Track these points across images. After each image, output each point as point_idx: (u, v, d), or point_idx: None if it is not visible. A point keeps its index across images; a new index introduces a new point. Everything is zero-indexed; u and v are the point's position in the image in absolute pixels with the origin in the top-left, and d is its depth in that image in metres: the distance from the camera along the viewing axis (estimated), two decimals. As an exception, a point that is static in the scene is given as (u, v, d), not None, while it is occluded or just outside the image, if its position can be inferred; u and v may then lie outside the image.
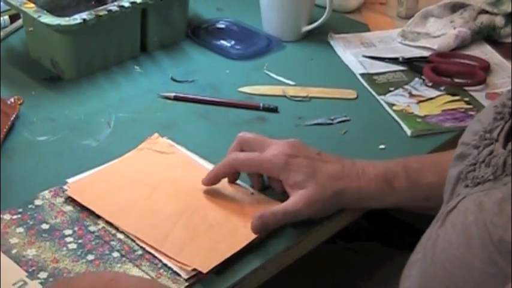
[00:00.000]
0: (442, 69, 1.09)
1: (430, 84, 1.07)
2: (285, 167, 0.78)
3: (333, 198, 0.78)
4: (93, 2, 1.14)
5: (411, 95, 1.04)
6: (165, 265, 0.72)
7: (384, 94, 1.04)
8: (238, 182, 0.84)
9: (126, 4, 1.02)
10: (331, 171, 0.79)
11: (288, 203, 0.78)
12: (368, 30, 1.23)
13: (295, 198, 0.78)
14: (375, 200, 0.81)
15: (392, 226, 1.12)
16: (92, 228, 0.76)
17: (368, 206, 0.83)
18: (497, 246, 0.54)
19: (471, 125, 0.69)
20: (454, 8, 1.23)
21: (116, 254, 0.74)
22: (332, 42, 1.17)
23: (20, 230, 0.76)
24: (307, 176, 0.78)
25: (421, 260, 0.66)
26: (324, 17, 1.15)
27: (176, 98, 1.01)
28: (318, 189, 0.78)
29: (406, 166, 0.82)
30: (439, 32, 1.18)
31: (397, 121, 0.99)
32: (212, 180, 0.82)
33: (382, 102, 1.03)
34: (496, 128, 0.64)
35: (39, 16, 0.99)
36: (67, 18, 0.98)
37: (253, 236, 0.76)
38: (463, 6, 1.22)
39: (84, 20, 0.98)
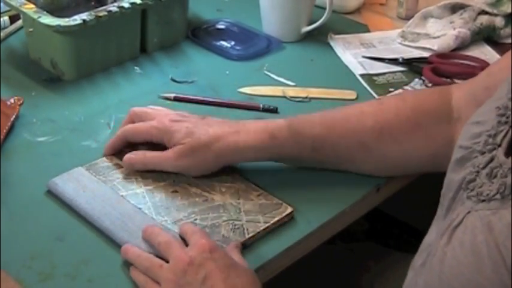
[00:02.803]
0: (442, 70, 1.09)
1: (430, 84, 1.07)
2: (168, 130, 0.82)
3: (204, 150, 0.81)
4: (92, 3, 1.15)
5: (411, 96, 1.04)
6: None
7: (384, 95, 1.04)
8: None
9: (126, 5, 1.03)
10: (210, 132, 0.82)
11: (162, 152, 0.83)
12: (368, 31, 1.23)
13: (169, 150, 0.82)
14: (255, 151, 0.82)
15: (391, 227, 1.12)
16: None
17: (250, 158, 0.84)
18: (510, 269, 0.53)
19: (467, 127, 0.67)
20: (454, 9, 1.23)
21: None
22: (332, 43, 1.17)
23: None
24: (185, 134, 0.81)
25: (425, 276, 0.65)
26: (323, 17, 1.15)
27: (176, 99, 1.01)
28: (191, 142, 0.81)
29: (290, 119, 0.85)
30: (439, 33, 1.19)
31: (397, 122, 0.98)
32: (109, 150, 0.87)
33: (382, 103, 1.03)
34: (500, 133, 0.61)
35: (39, 17, 0.99)
36: (67, 19, 0.98)
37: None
38: (462, 7, 1.22)
39: (84, 20, 0.98)
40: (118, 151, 0.87)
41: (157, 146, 0.84)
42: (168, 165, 0.82)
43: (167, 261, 0.71)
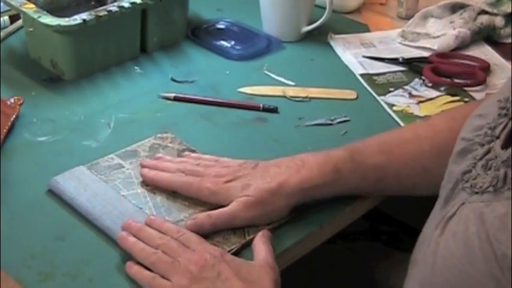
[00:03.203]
0: (442, 69, 1.09)
1: (430, 84, 1.07)
2: (223, 191, 0.78)
3: (272, 198, 0.77)
4: (93, 3, 1.15)
5: (411, 96, 1.05)
6: None
7: (384, 94, 1.04)
8: None
9: (126, 5, 1.03)
10: (268, 179, 0.78)
11: (226, 207, 0.77)
12: (368, 30, 1.23)
13: (233, 203, 0.77)
14: (321, 188, 0.79)
15: (392, 227, 1.12)
16: None
17: (318, 196, 0.81)
18: (500, 262, 0.53)
19: (470, 120, 0.67)
20: (454, 9, 1.23)
21: None
22: (332, 43, 1.17)
23: None
24: (243, 188, 0.77)
25: (420, 267, 0.65)
26: (323, 17, 1.15)
27: (176, 99, 1.01)
28: (254, 193, 0.77)
29: (349, 149, 0.81)
30: (439, 33, 1.19)
31: (397, 122, 0.99)
32: (150, 181, 0.82)
33: (382, 102, 1.03)
34: (499, 125, 0.62)
35: (39, 17, 0.99)
36: (67, 19, 0.98)
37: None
38: (462, 6, 1.22)
39: (84, 20, 0.98)
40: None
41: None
42: (238, 220, 0.77)
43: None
